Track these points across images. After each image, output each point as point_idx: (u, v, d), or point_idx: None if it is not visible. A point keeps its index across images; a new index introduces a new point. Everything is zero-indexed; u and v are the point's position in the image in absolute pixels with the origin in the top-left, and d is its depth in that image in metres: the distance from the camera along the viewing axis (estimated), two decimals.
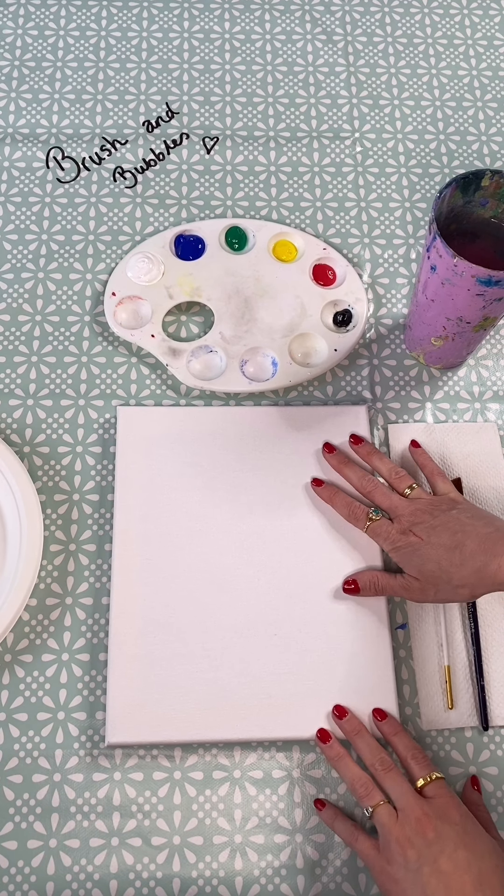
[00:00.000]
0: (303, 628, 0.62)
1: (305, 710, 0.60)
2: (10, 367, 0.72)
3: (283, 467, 0.67)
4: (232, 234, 0.76)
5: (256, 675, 0.61)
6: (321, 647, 0.62)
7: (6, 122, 0.82)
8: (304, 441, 0.68)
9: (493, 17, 0.90)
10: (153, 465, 0.66)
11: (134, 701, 0.59)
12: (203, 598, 0.63)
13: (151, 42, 0.87)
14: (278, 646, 0.62)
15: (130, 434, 0.67)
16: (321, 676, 0.61)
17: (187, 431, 0.68)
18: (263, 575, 0.64)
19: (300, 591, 0.63)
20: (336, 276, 0.76)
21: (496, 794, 0.60)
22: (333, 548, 0.65)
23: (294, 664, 0.61)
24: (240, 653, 0.61)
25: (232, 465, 0.67)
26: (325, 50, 0.88)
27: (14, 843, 0.58)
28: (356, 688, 0.61)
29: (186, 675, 0.60)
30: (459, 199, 0.62)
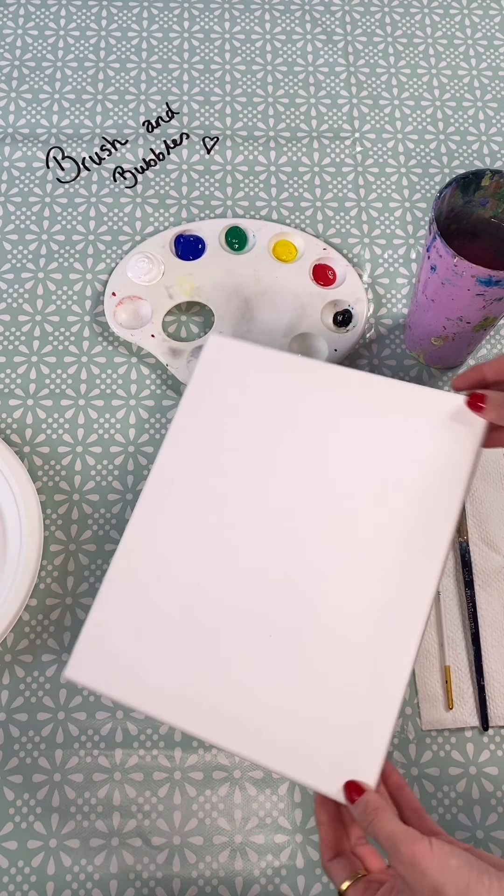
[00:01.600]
0: (309, 640, 0.51)
1: (277, 735, 0.49)
2: (10, 367, 0.72)
3: (352, 451, 0.54)
4: (232, 234, 0.77)
5: (243, 674, 0.51)
6: (320, 670, 0.50)
7: (6, 122, 0.82)
8: (385, 424, 0.55)
9: (493, 17, 0.90)
10: (220, 408, 0.56)
11: (110, 646, 0.52)
12: (219, 572, 0.53)
13: (151, 42, 0.87)
14: (274, 651, 0.51)
15: (218, 366, 0.58)
16: (312, 702, 0.50)
17: (269, 379, 0.57)
18: (297, 576, 0.52)
19: (331, 609, 0.51)
20: (336, 276, 0.76)
21: (496, 794, 0.60)
22: (389, 568, 0.52)
23: (288, 678, 0.50)
24: (235, 647, 0.51)
25: (302, 433, 0.55)
26: (325, 50, 0.88)
27: (14, 843, 0.58)
28: (337, 732, 0.49)
29: (176, 646, 0.51)
30: (459, 199, 0.62)
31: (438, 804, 0.60)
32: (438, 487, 0.53)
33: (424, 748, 0.61)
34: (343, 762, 0.47)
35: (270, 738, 0.49)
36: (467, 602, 0.64)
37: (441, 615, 0.64)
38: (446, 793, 0.60)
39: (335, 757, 0.48)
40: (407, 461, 0.54)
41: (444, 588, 0.65)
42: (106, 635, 0.52)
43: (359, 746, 0.48)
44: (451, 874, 0.39)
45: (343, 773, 0.47)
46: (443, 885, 0.38)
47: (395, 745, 0.61)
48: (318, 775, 0.47)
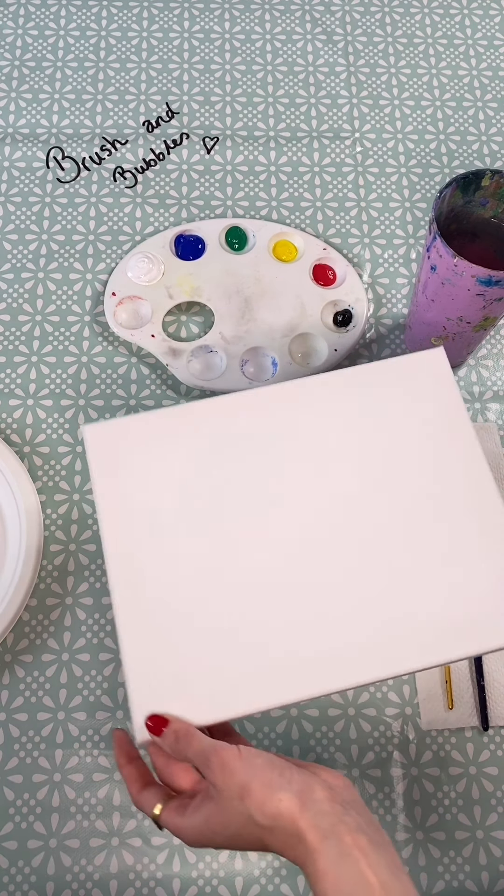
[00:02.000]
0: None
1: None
2: (10, 367, 0.72)
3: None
4: (232, 234, 0.76)
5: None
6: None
7: (6, 122, 0.82)
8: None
9: (493, 17, 0.90)
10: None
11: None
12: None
13: (151, 42, 0.87)
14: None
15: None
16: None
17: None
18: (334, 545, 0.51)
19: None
20: (336, 276, 0.76)
21: (496, 794, 0.60)
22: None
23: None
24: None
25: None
26: (325, 50, 0.88)
27: (14, 843, 0.58)
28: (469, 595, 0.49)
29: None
30: (459, 199, 0.62)
31: (438, 804, 0.60)
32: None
33: (424, 748, 0.61)
34: (187, 698, 0.46)
35: (152, 639, 0.48)
36: None
37: None
38: (446, 793, 0.60)
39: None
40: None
41: None
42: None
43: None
44: (256, 772, 0.42)
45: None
46: (249, 783, 0.41)
47: (395, 745, 0.61)
48: (147, 692, 0.46)
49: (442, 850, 0.59)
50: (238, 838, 0.43)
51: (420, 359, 0.55)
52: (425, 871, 0.58)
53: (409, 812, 0.60)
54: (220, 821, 0.42)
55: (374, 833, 0.41)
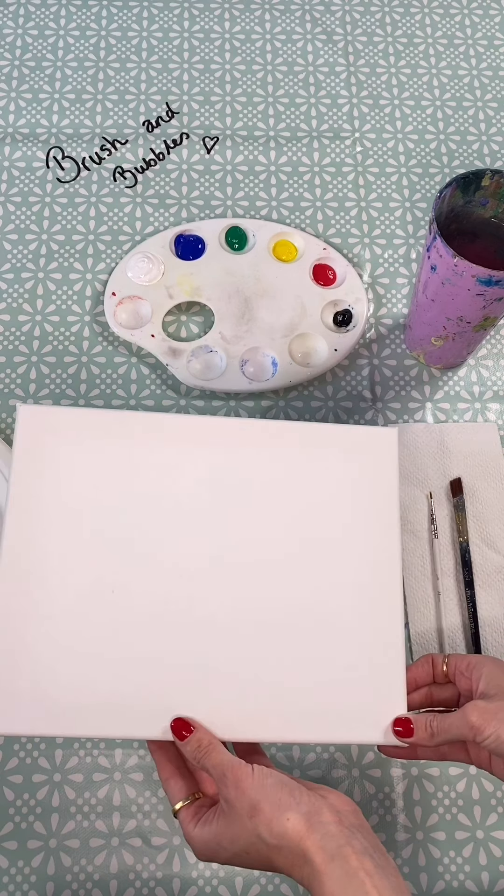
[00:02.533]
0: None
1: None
2: (10, 367, 0.72)
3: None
4: (232, 234, 0.76)
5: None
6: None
7: (6, 122, 0.82)
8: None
9: (493, 16, 0.90)
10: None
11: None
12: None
13: (151, 42, 0.87)
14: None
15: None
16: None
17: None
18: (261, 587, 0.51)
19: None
20: (336, 276, 0.76)
21: (496, 794, 0.60)
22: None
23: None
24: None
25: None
26: (325, 50, 0.88)
27: (14, 843, 0.58)
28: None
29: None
30: (460, 198, 0.62)
31: (438, 804, 0.60)
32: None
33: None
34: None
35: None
36: (467, 602, 0.64)
37: (441, 615, 0.64)
38: (446, 793, 0.60)
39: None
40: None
41: (444, 588, 0.65)
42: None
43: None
44: (266, 791, 0.43)
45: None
46: (259, 802, 0.43)
47: None
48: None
49: (442, 850, 0.59)
50: (245, 855, 0.43)
51: (374, 434, 0.55)
52: (425, 871, 0.58)
53: (409, 812, 0.60)
54: (228, 836, 0.43)
55: (380, 857, 0.42)
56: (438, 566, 0.66)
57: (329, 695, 0.49)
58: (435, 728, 0.48)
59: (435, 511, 0.67)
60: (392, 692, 0.50)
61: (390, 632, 0.51)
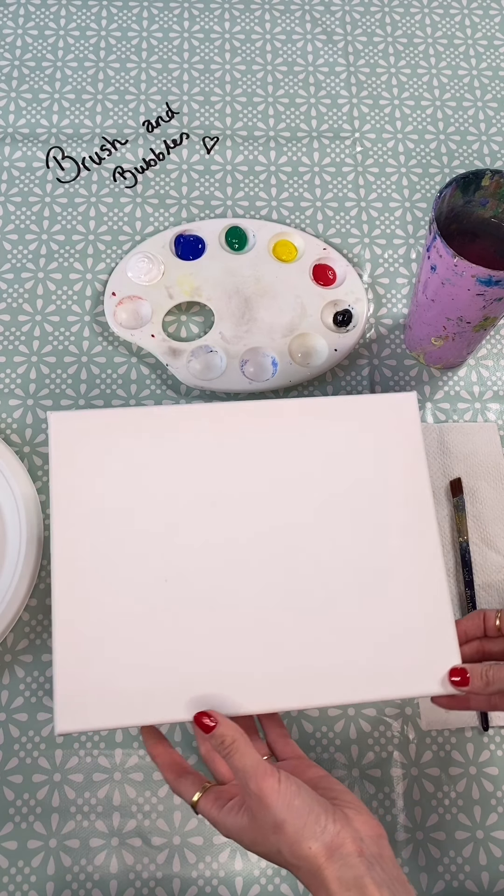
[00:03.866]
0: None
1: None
2: (10, 367, 0.72)
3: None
4: (232, 234, 0.76)
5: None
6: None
7: (6, 122, 0.82)
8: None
9: (493, 16, 0.90)
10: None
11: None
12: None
13: (151, 42, 0.87)
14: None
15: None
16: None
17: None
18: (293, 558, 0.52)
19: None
20: (336, 276, 0.76)
21: (496, 794, 0.60)
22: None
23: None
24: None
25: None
26: (325, 50, 0.88)
27: (14, 843, 0.58)
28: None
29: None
30: (460, 198, 0.62)
31: (438, 804, 0.60)
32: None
33: (424, 748, 0.61)
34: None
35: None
36: (467, 602, 0.64)
37: None
38: (446, 793, 0.60)
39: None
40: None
41: None
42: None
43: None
44: (292, 813, 0.42)
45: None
46: (283, 822, 0.42)
47: (395, 745, 0.61)
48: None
49: (442, 850, 0.59)
50: (267, 856, 0.44)
51: (393, 400, 0.56)
52: (425, 871, 0.58)
53: (409, 812, 0.60)
54: (251, 838, 0.44)
55: (400, 888, 0.42)
56: None
57: (384, 653, 0.51)
58: (491, 677, 0.49)
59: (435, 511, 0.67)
60: (444, 644, 0.51)
61: (435, 586, 0.52)
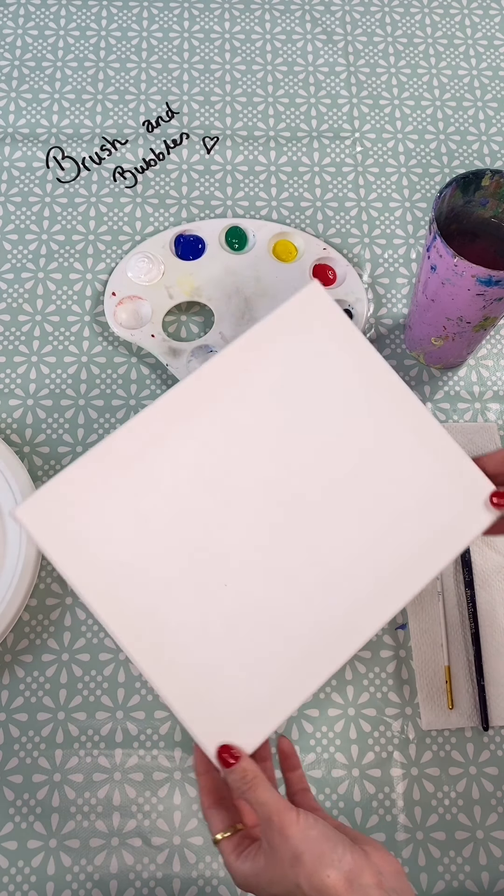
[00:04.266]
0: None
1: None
2: (10, 367, 0.72)
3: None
4: (232, 233, 0.76)
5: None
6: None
7: (6, 122, 0.82)
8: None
9: (493, 16, 0.90)
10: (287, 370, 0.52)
11: (87, 512, 0.47)
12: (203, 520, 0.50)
13: (151, 42, 0.87)
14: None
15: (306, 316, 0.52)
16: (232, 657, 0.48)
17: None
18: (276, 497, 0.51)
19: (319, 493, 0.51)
20: (336, 276, 0.76)
21: (496, 794, 0.60)
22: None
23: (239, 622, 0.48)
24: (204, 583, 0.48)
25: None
26: (325, 50, 0.88)
27: (14, 843, 0.58)
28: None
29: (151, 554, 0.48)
30: (460, 198, 0.62)
31: (438, 804, 0.60)
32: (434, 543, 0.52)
33: (424, 748, 0.61)
34: (234, 719, 0.46)
35: (182, 676, 0.46)
36: (467, 602, 0.64)
37: (441, 615, 0.64)
38: (446, 793, 0.60)
39: (232, 712, 0.46)
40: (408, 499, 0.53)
41: (443, 588, 0.65)
42: (82, 499, 0.47)
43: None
44: (310, 843, 0.42)
45: (227, 731, 0.46)
46: (302, 853, 0.42)
47: (395, 745, 0.61)
48: (205, 724, 0.46)
49: (442, 850, 0.59)
50: (286, 895, 0.44)
51: (300, 299, 0.52)
52: (425, 871, 0.58)
53: (409, 812, 0.60)
54: (268, 877, 0.44)
55: None
56: None
57: (422, 527, 0.51)
58: None
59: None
60: (474, 483, 0.52)
61: (438, 440, 0.52)
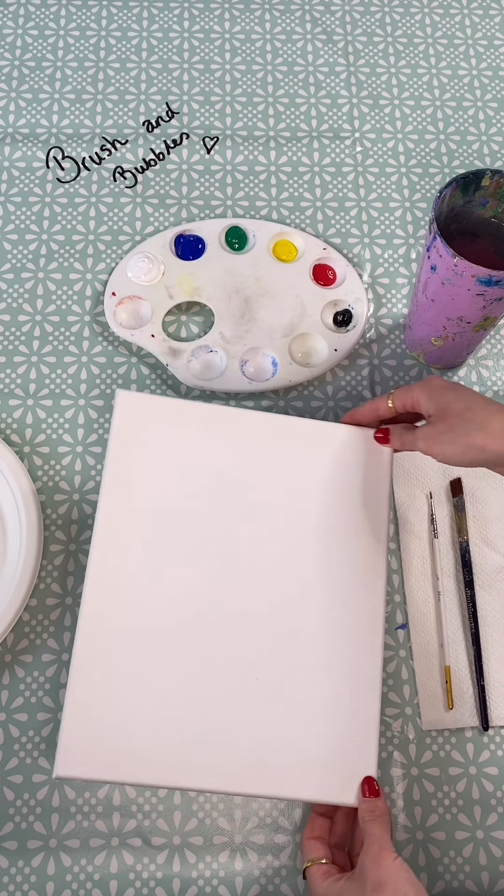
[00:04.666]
0: (290, 674, 0.56)
1: (275, 766, 0.54)
2: (10, 367, 0.72)
3: (286, 489, 0.60)
4: (232, 233, 0.76)
5: (228, 720, 0.55)
6: (304, 698, 0.56)
7: (6, 122, 0.82)
8: (311, 462, 0.61)
9: (493, 16, 0.90)
10: (147, 465, 0.59)
11: (92, 732, 0.53)
12: (182, 628, 0.56)
13: (151, 42, 0.87)
14: (256, 692, 0.55)
15: (128, 423, 0.60)
16: (299, 731, 0.55)
17: (187, 429, 0.60)
18: (253, 610, 0.57)
19: (290, 633, 0.57)
20: (336, 276, 0.76)
21: (496, 794, 0.60)
22: (330, 590, 0.58)
23: (272, 712, 0.55)
24: (215, 693, 0.55)
25: (233, 478, 0.60)
26: (325, 50, 0.88)
27: (14, 843, 0.58)
28: (334, 749, 0.55)
29: (153, 710, 0.54)
30: (460, 198, 0.62)
31: (438, 804, 0.60)
32: (367, 513, 0.61)
33: (424, 748, 0.61)
34: (344, 775, 0.55)
35: (278, 772, 0.54)
36: (467, 602, 0.64)
37: (441, 615, 0.64)
38: (446, 793, 0.60)
39: (337, 772, 0.55)
40: (335, 495, 0.61)
41: (443, 588, 0.65)
42: (86, 723, 0.54)
43: (354, 759, 0.55)
44: (396, 879, 0.49)
45: (348, 785, 0.55)
46: (386, 882, 0.48)
47: (395, 745, 0.61)
48: (329, 790, 0.55)
49: (442, 850, 0.59)
50: None
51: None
52: (425, 871, 0.58)
53: (409, 812, 0.60)
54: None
55: None
56: (438, 566, 0.66)
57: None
58: (402, 442, 0.59)
59: (435, 511, 0.67)
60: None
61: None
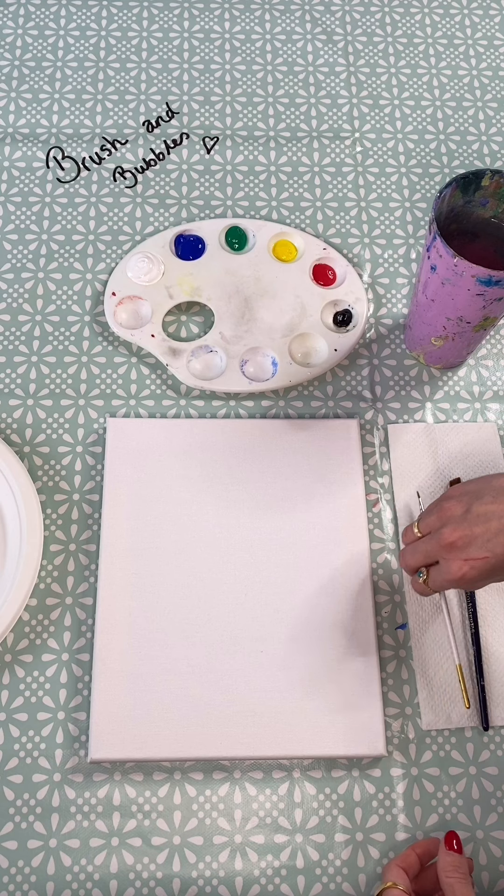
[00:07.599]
0: (289, 644, 0.62)
1: (291, 728, 0.60)
2: (10, 367, 0.72)
3: (272, 481, 0.67)
4: (232, 233, 0.76)
5: (241, 692, 0.60)
6: (307, 663, 0.61)
7: (6, 122, 0.82)
8: (294, 454, 0.68)
9: (493, 17, 0.90)
10: (142, 477, 0.66)
11: (118, 717, 0.59)
12: (190, 613, 0.62)
13: (151, 42, 0.87)
14: (263, 663, 0.61)
15: (120, 446, 0.67)
16: (307, 693, 0.61)
17: (177, 443, 0.68)
18: (251, 590, 0.63)
19: (287, 608, 0.63)
20: (336, 276, 0.76)
21: (496, 794, 0.60)
22: (322, 564, 0.64)
23: (280, 681, 0.61)
24: (226, 669, 0.61)
25: (222, 478, 0.67)
26: (325, 50, 0.88)
27: (14, 843, 0.58)
28: (343, 705, 0.60)
29: (171, 691, 0.60)
30: (459, 198, 0.62)
31: (438, 804, 0.60)
32: (342, 481, 0.67)
33: (424, 748, 0.61)
34: (355, 730, 0.60)
35: (292, 735, 0.60)
36: (467, 602, 0.64)
37: (445, 614, 0.64)
38: (446, 793, 0.60)
39: (346, 729, 0.60)
40: (313, 477, 0.67)
41: None
42: (111, 706, 0.60)
43: (360, 715, 0.60)
44: None
45: (358, 739, 0.60)
46: None
47: (395, 745, 0.61)
48: (289, 748, 0.60)
49: None
50: None
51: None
52: None
53: (409, 812, 0.60)
54: None
55: None
56: None
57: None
58: (429, 584, 0.59)
59: None
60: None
61: None
